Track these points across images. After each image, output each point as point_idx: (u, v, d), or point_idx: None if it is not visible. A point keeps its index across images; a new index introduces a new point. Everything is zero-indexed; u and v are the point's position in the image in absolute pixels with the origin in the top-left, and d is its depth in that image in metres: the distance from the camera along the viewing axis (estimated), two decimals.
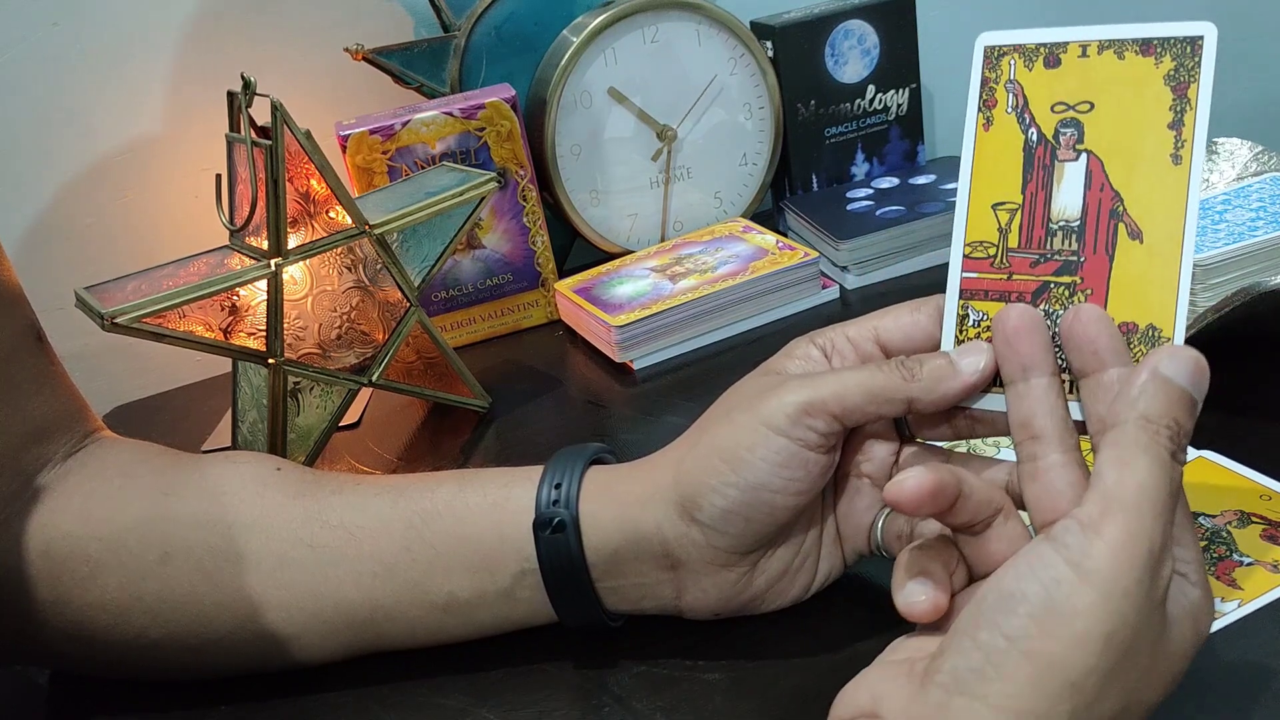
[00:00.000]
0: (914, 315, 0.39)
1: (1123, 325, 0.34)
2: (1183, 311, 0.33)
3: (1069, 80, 0.36)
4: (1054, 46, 0.36)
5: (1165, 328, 0.34)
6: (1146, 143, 0.34)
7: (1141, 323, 0.34)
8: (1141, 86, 0.35)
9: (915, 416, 0.39)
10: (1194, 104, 0.34)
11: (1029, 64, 0.37)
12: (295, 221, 0.58)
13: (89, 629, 0.42)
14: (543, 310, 0.77)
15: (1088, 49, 0.36)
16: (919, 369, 0.36)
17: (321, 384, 0.60)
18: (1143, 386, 0.31)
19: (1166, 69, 0.34)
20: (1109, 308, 0.34)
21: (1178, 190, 0.34)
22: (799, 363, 0.40)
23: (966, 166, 0.37)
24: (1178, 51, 0.34)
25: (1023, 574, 0.30)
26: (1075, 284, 0.35)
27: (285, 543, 0.42)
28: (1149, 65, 0.35)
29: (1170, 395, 0.31)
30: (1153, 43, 0.35)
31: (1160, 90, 0.34)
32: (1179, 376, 0.31)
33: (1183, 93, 0.34)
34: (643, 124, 0.79)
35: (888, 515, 0.40)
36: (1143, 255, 0.34)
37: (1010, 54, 0.37)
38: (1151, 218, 0.34)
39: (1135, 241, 0.34)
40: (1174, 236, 0.34)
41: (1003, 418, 0.36)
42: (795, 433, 0.37)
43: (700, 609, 0.41)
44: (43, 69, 0.74)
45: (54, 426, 0.45)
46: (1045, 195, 0.36)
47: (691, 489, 0.38)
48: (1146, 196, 0.34)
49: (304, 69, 0.80)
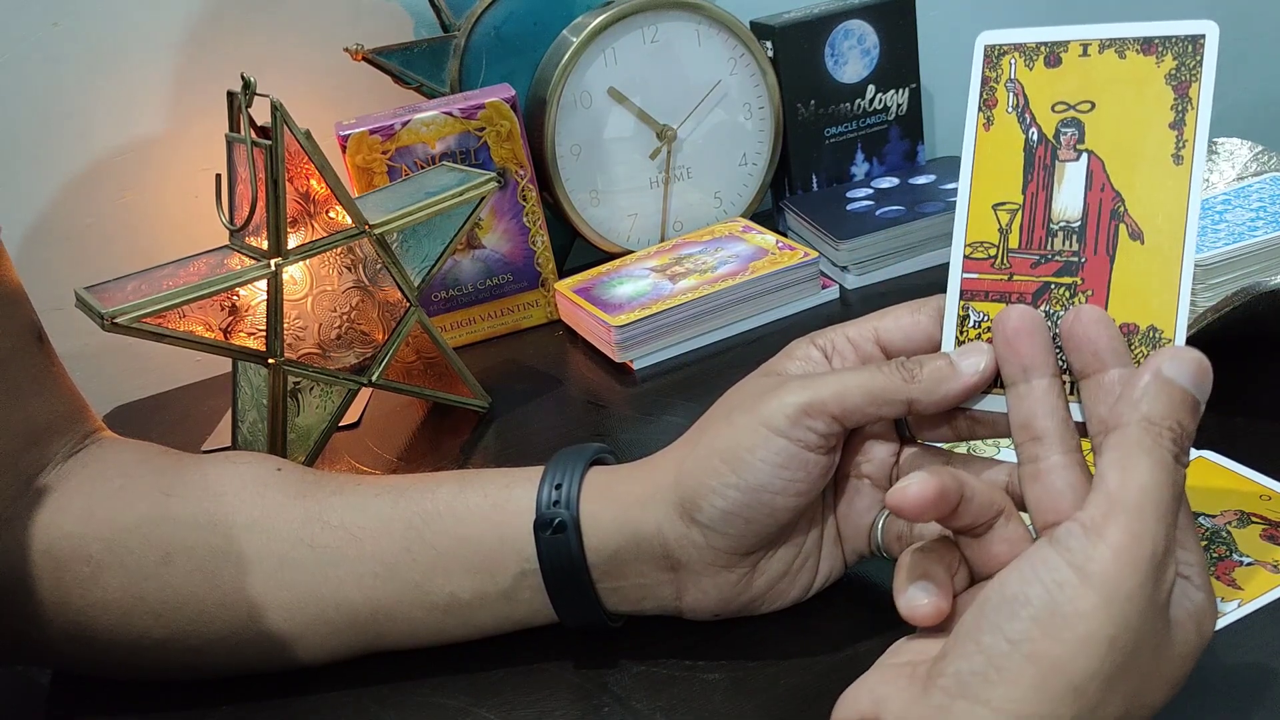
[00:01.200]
0: (914, 316, 0.39)
1: (1123, 326, 0.34)
2: (1184, 312, 0.33)
3: (1070, 79, 0.36)
4: (1055, 45, 0.36)
5: (1166, 329, 0.33)
6: (1148, 142, 0.34)
7: (1142, 324, 0.34)
8: (1143, 86, 0.34)
9: (915, 417, 0.39)
10: (1195, 103, 0.33)
11: (1029, 63, 0.36)
12: (295, 221, 0.58)
13: (90, 629, 0.42)
14: (543, 310, 0.77)
15: (1089, 48, 0.35)
16: (919, 370, 0.36)
17: (321, 384, 0.60)
18: (1145, 388, 0.31)
19: (1168, 68, 0.34)
20: (1110, 309, 0.34)
21: (1179, 191, 0.34)
22: (799, 363, 0.40)
23: (967, 166, 0.37)
24: (1179, 50, 0.34)
25: (1025, 577, 0.29)
26: (1076, 285, 0.35)
27: (286, 543, 0.42)
28: (1150, 64, 0.34)
29: (1173, 397, 0.31)
30: (1154, 41, 0.34)
31: (1162, 89, 0.34)
32: (1181, 378, 0.31)
33: (1184, 92, 0.34)
34: (643, 124, 0.79)
35: (888, 516, 0.40)
36: (1144, 256, 0.34)
37: (1011, 53, 0.37)
38: (1153, 218, 0.34)
39: (1136, 242, 0.34)
40: (1175, 237, 0.33)
41: (1003, 419, 0.36)
42: (795, 434, 0.37)
43: (701, 610, 0.41)
44: (43, 69, 0.74)
45: (55, 427, 0.46)
46: (1046, 196, 0.36)
47: (692, 490, 0.38)
48: (1148, 197, 0.34)
49: (304, 69, 0.80)
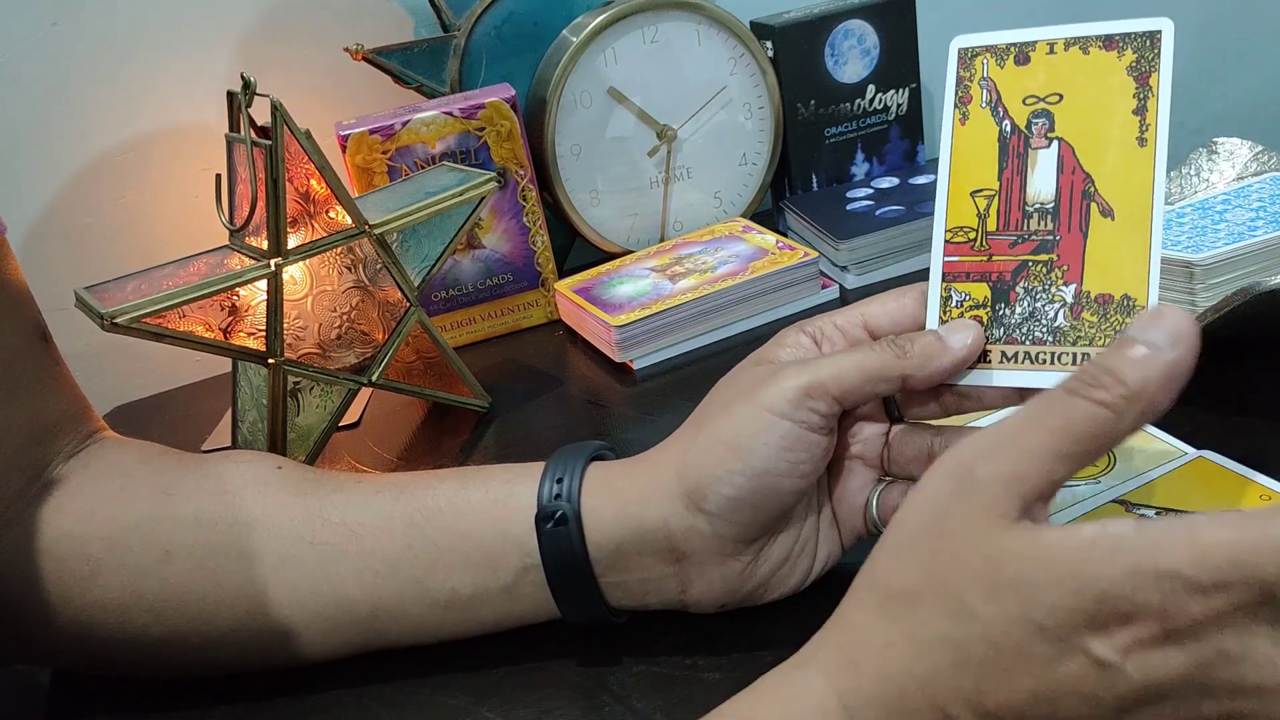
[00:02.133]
0: (900, 300, 0.41)
1: (1099, 297, 0.36)
2: (1155, 281, 0.36)
3: (1038, 75, 0.38)
4: (1023, 45, 0.39)
5: (1140, 297, 0.36)
6: (1113, 127, 0.37)
7: (1116, 294, 0.36)
8: (1106, 77, 0.37)
9: (904, 396, 0.40)
10: (1155, 91, 0.36)
11: (1000, 62, 0.39)
12: (295, 221, 0.58)
13: (91, 628, 0.42)
14: (543, 310, 0.77)
15: (1055, 46, 0.38)
16: (910, 346, 0.38)
17: (321, 384, 0.60)
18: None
19: (1129, 61, 0.37)
20: (1085, 282, 0.37)
21: (1144, 170, 0.36)
22: (790, 350, 0.41)
23: (945, 159, 0.40)
24: (1139, 45, 0.37)
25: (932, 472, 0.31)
26: (1052, 261, 0.37)
27: (287, 540, 0.42)
28: (1112, 58, 0.37)
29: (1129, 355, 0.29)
30: (1115, 38, 0.37)
31: (1124, 80, 0.37)
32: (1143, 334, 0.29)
33: (1145, 81, 0.36)
34: (643, 124, 0.79)
35: (881, 491, 0.41)
36: (1114, 231, 0.36)
37: (983, 54, 0.40)
38: (1121, 196, 0.36)
39: (1107, 219, 0.37)
40: (1144, 212, 0.36)
41: (990, 393, 0.38)
42: (798, 415, 0.37)
43: (706, 602, 0.41)
44: (43, 69, 0.74)
45: (58, 426, 0.46)
46: (1020, 181, 0.38)
47: (697, 480, 0.38)
48: (1116, 177, 0.37)
49: (304, 69, 0.80)
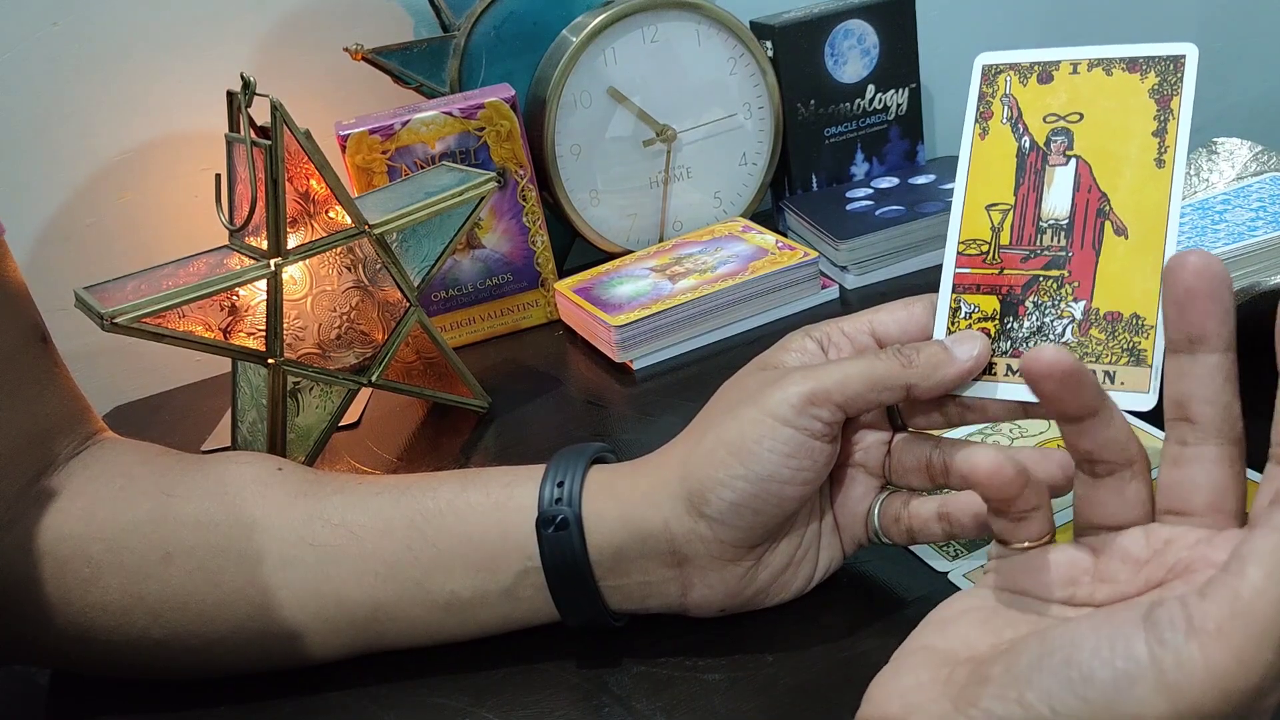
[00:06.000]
0: (909, 309, 0.40)
1: (1108, 314, 0.36)
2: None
3: (1060, 94, 0.39)
4: (1047, 64, 0.39)
5: (1149, 316, 0.36)
6: (1132, 148, 0.37)
7: (1126, 312, 0.36)
8: (1127, 98, 0.37)
9: (908, 405, 0.40)
10: (1176, 114, 0.37)
11: (1024, 80, 0.39)
12: (295, 221, 0.58)
13: (91, 630, 0.42)
14: (542, 310, 0.77)
15: (1078, 66, 0.39)
16: (916, 356, 0.38)
17: (321, 384, 0.60)
18: None
19: (1151, 83, 0.37)
20: (1095, 299, 0.37)
21: (1161, 190, 0.36)
22: (796, 355, 0.41)
23: (963, 171, 0.40)
24: (1162, 68, 0.37)
25: (1100, 651, 0.26)
26: (1063, 277, 0.37)
27: (287, 542, 0.42)
28: (1135, 80, 0.37)
29: None
30: (1139, 61, 0.37)
31: (1145, 102, 0.37)
32: None
33: (1166, 104, 0.37)
34: (642, 124, 0.79)
35: (883, 500, 0.41)
36: (1127, 250, 0.36)
37: (1006, 71, 0.40)
38: (1136, 216, 0.37)
39: (1120, 238, 0.37)
40: (1157, 232, 0.36)
41: (994, 405, 0.38)
42: (801, 422, 0.37)
43: (707, 606, 0.41)
44: (43, 69, 0.74)
45: (57, 428, 0.46)
46: (1036, 196, 0.38)
47: (699, 484, 0.38)
48: (1132, 197, 0.37)
49: (304, 69, 0.80)
